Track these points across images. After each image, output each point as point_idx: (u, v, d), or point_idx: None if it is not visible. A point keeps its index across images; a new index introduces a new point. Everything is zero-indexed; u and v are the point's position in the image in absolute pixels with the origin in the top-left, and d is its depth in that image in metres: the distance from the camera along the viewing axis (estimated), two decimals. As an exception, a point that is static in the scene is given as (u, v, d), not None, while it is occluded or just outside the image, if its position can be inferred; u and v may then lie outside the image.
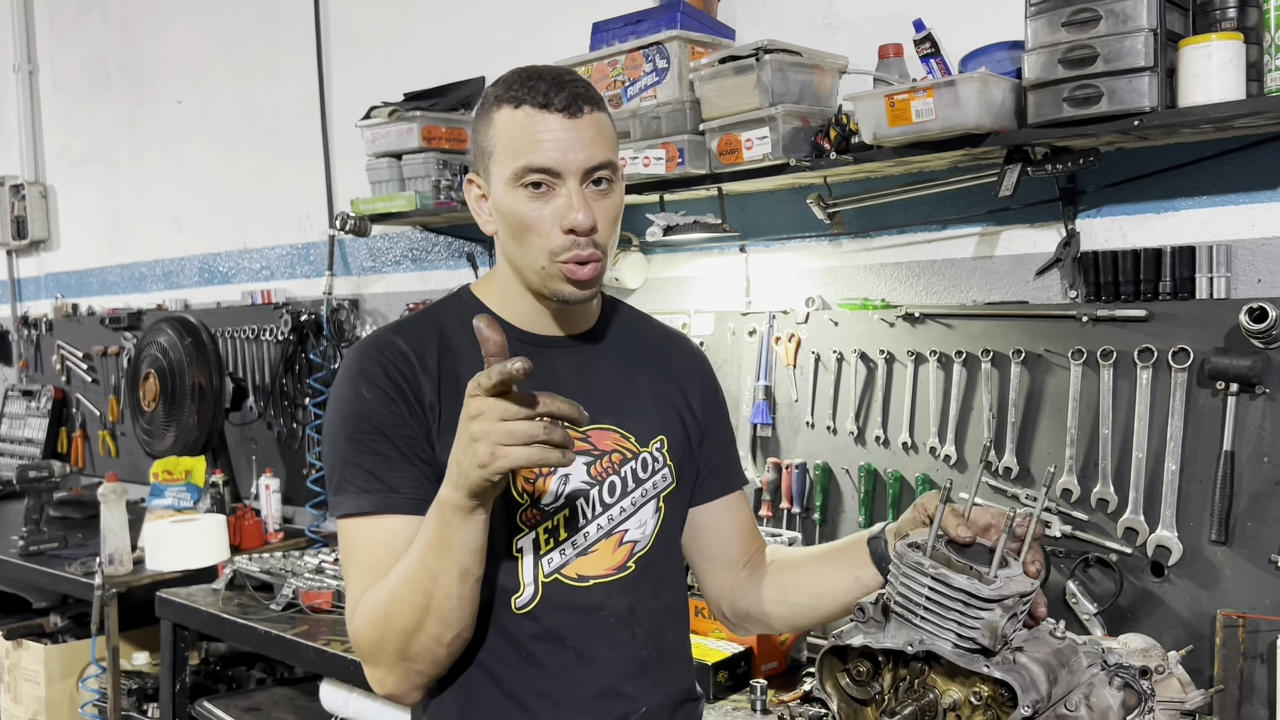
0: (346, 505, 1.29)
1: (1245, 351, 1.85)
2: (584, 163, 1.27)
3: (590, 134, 1.28)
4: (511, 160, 1.28)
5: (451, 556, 1.18)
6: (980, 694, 1.13)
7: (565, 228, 1.27)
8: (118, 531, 3.18)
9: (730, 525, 1.53)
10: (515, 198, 1.29)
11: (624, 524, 1.39)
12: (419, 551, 1.20)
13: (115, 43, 4.79)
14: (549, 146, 1.26)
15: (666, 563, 1.46)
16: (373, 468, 1.28)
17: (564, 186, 1.28)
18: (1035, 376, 2.13)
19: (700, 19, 2.43)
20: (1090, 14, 1.77)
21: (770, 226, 2.58)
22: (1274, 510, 1.85)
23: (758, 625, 1.53)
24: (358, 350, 1.35)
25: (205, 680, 3.31)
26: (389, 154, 3.14)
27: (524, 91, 1.27)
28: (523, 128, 1.27)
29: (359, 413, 1.30)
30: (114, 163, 4.86)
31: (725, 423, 1.58)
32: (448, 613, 1.20)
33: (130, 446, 4.55)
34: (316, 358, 3.65)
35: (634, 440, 1.42)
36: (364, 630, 1.26)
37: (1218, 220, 1.96)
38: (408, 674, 1.26)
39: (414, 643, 1.22)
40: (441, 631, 1.22)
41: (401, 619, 1.21)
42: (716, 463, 1.53)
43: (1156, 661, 1.75)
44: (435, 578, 1.19)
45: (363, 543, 1.29)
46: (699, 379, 1.54)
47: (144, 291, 4.72)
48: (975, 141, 1.95)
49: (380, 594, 1.23)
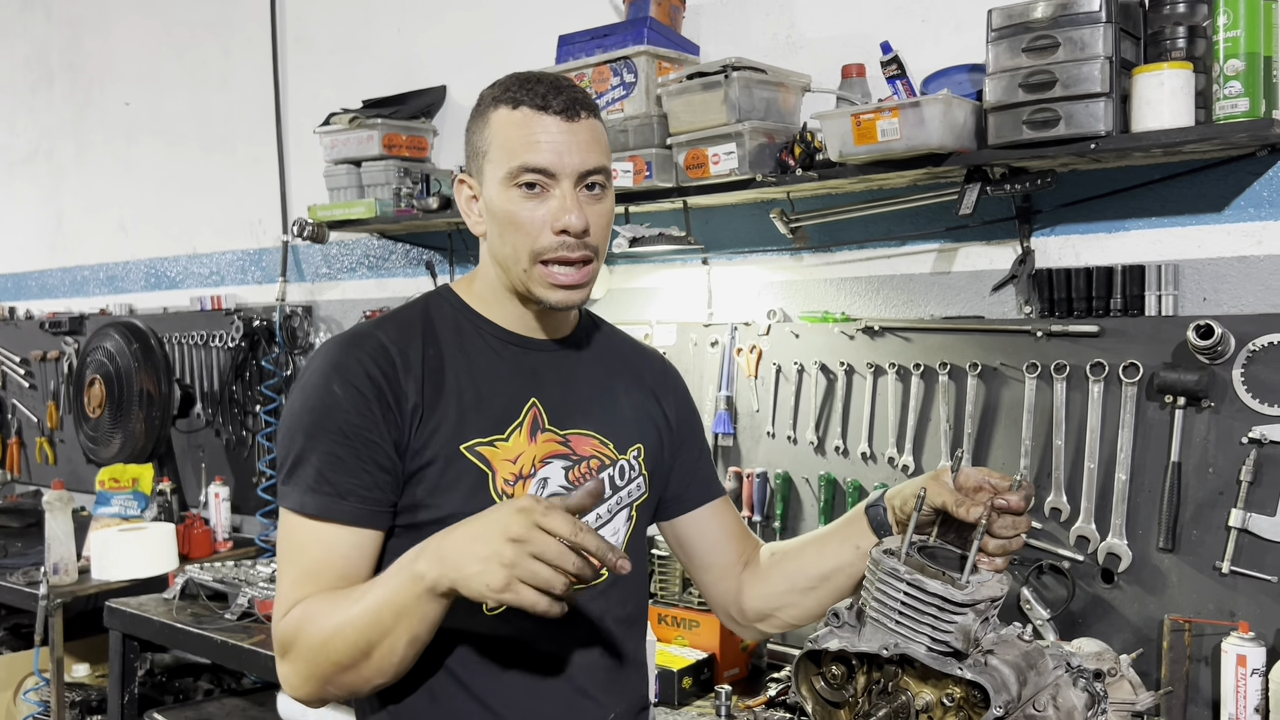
0: (291, 499, 1.26)
1: (1192, 367, 1.93)
2: (579, 166, 1.28)
3: (586, 138, 1.29)
4: (507, 159, 1.28)
5: (408, 625, 1.16)
6: (952, 695, 1.17)
7: (558, 229, 1.28)
8: (63, 540, 3.11)
9: (720, 531, 1.54)
10: (508, 197, 1.29)
11: (599, 531, 1.41)
12: (376, 602, 1.17)
13: (60, 41, 4.70)
14: (545, 147, 1.27)
15: (636, 572, 1.47)
16: (325, 468, 1.24)
17: (558, 188, 1.28)
18: (991, 389, 2.19)
19: (667, 35, 2.46)
20: (1049, 41, 1.84)
21: (733, 240, 2.62)
22: (1218, 519, 1.93)
23: (770, 624, 1.50)
24: (337, 343, 1.31)
25: (151, 692, 3.24)
26: (348, 160, 3.14)
27: (522, 93, 1.29)
28: (520, 128, 1.28)
29: (324, 408, 1.26)
30: (57, 163, 4.76)
31: (700, 433, 1.59)
32: (386, 667, 1.19)
33: (69, 454, 4.45)
34: (268, 364, 3.61)
35: (612, 447, 1.43)
36: (290, 636, 1.23)
37: (1166, 241, 2.04)
38: (322, 691, 1.24)
39: (341, 676, 1.21)
40: (372, 676, 1.20)
41: (337, 654, 1.19)
42: (696, 471, 1.55)
43: (1109, 665, 1.81)
44: (385, 635, 1.16)
45: (302, 543, 1.26)
46: (672, 390, 1.56)
47: (86, 295, 4.63)
48: (937, 161, 2.01)
49: (322, 620, 1.20)
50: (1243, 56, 1.75)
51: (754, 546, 1.55)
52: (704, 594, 1.58)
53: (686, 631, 2.28)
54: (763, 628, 1.53)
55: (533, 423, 1.36)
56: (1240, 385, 1.90)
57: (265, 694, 2.91)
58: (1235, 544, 1.91)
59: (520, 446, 1.34)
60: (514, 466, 1.34)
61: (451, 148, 3.21)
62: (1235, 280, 1.98)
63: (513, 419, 1.35)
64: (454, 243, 3.19)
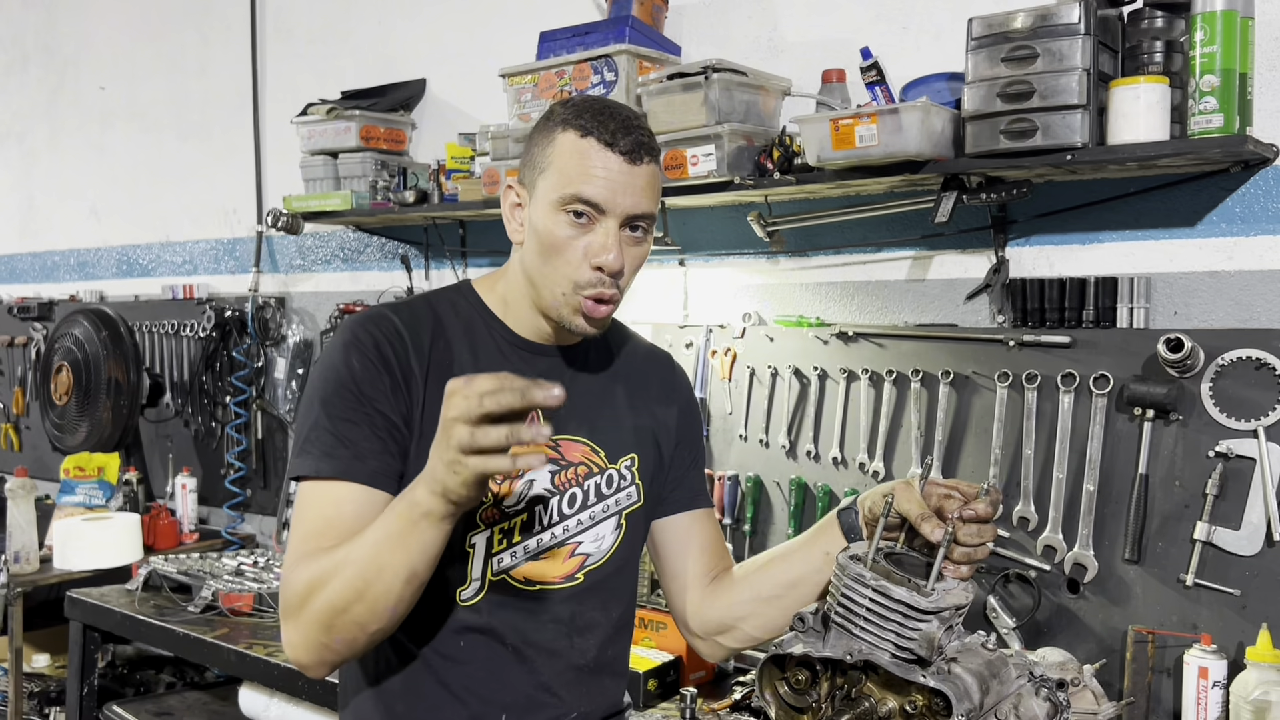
0: (305, 467, 1.28)
1: (1161, 380, 1.95)
2: (630, 209, 1.31)
3: (643, 183, 1.32)
4: (562, 184, 1.30)
5: (405, 556, 1.17)
6: (915, 703, 1.17)
7: (595, 264, 1.31)
8: (25, 528, 3.07)
9: (695, 541, 1.54)
10: (555, 220, 1.31)
11: (579, 536, 1.41)
12: (373, 539, 1.19)
13: (35, 23, 4.64)
14: (601, 183, 1.29)
15: (620, 578, 1.47)
16: (343, 432, 1.28)
17: (603, 224, 1.31)
18: (962, 397, 2.20)
19: (648, 34, 2.46)
20: (1028, 51, 1.85)
21: (710, 242, 2.61)
22: (1183, 532, 1.94)
23: (731, 637, 1.49)
24: (352, 322, 1.36)
25: (111, 684, 3.21)
26: (325, 152, 3.11)
27: (594, 124, 1.30)
28: (583, 157, 1.30)
29: (342, 379, 1.30)
30: (29, 147, 4.69)
31: (698, 443, 1.60)
32: (381, 608, 1.19)
33: (35, 441, 4.39)
34: (239, 356, 3.58)
35: (603, 455, 1.44)
36: (294, 590, 1.24)
37: (1139, 254, 2.06)
38: (321, 648, 1.23)
39: (337, 620, 1.20)
40: (368, 620, 1.20)
41: (333, 594, 1.20)
42: (684, 478, 1.55)
43: (1072, 674, 1.82)
44: (381, 571, 1.17)
45: (315, 503, 1.28)
46: (678, 399, 1.57)
47: (56, 281, 4.56)
48: (915, 168, 2.01)
49: (324, 563, 1.22)
50: (1218, 72, 1.76)
51: (726, 564, 1.55)
52: (668, 603, 1.57)
53: (653, 633, 2.28)
54: (723, 640, 1.51)
55: None
56: (1208, 399, 1.91)
57: (227, 688, 2.88)
58: (1199, 557, 1.92)
59: None
60: None
61: (430, 141, 3.19)
62: (1206, 295, 1.99)
63: None
64: (429, 237, 3.16)
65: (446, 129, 3.10)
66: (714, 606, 1.49)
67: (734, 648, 1.53)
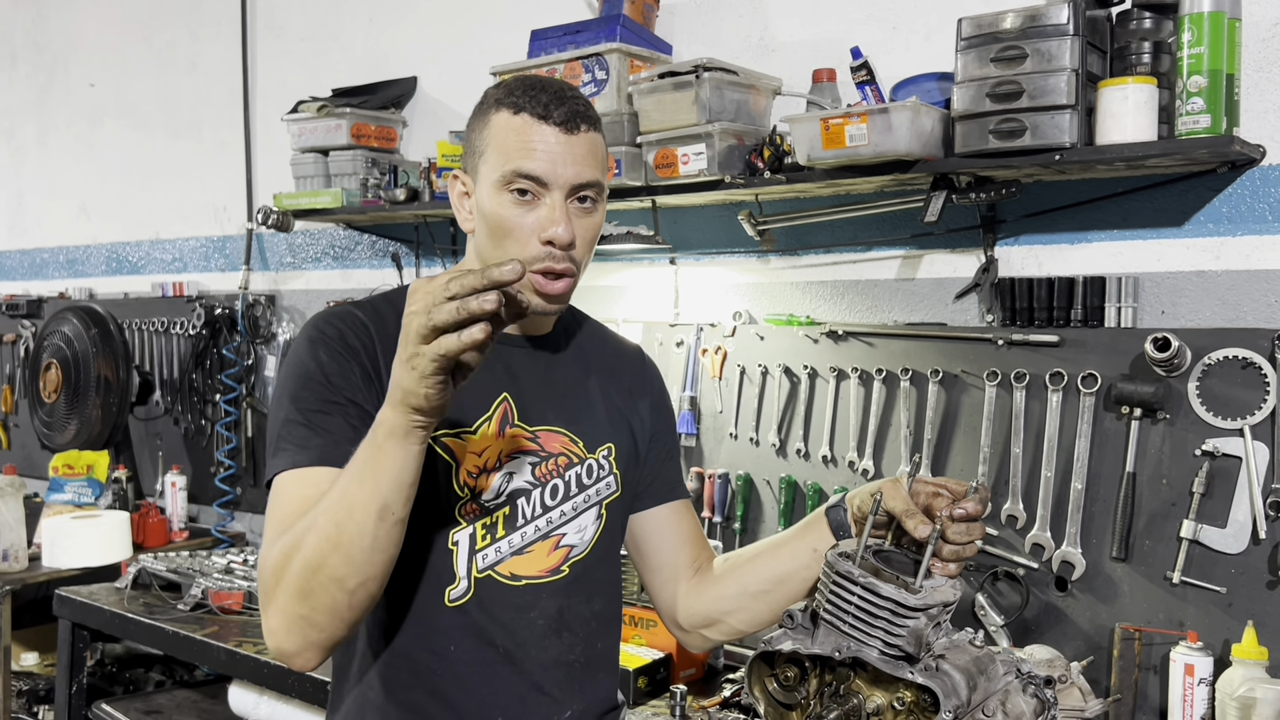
0: (280, 464, 1.25)
1: (1149, 379, 1.96)
2: (572, 179, 1.29)
3: (583, 151, 1.30)
4: (502, 163, 1.29)
5: (374, 486, 1.11)
6: (903, 699, 1.18)
7: (544, 239, 1.29)
8: (13, 526, 3.07)
9: (675, 533, 1.54)
10: (500, 201, 1.30)
11: (563, 528, 1.40)
12: (342, 481, 1.14)
13: (24, 20, 4.62)
14: (541, 156, 1.28)
15: (603, 570, 1.46)
16: (317, 423, 1.25)
17: (549, 198, 1.29)
18: (951, 395, 2.21)
19: (639, 33, 2.46)
20: (1017, 51, 1.86)
21: (701, 240, 2.62)
22: (1170, 530, 1.95)
23: (717, 630, 1.48)
24: (316, 319, 1.34)
25: (101, 682, 3.20)
26: (315, 149, 3.11)
27: (525, 99, 1.29)
28: (518, 133, 1.28)
29: (310, 372, 1.28)
30: (18, 144, 4.67)
31: (672, 434, 1.60)
32: (356, 552, 1.12)
33: (24, 439, 4.37)
34: (229, 353, 3.57)
35: (582, 445, 1.43)
36: (269, 566, 1.18)
37: (1127, 253, 2.07)
38: (302, 625, 1.16)
39: (314, 580, 1.13)
40: (346, 574, 1.13)
41: (307, 552, 1.14)
42: (660, 470, 1.55)
43: (1060, 672, 1.83)
44: (351, 510, 1.12)
45: (291, 493, 1.23)
46: (650, 390, 1.56)
47: (45, 278, 4.55)
48: (904, 167, 2.02)
49: (295, 529, 1.17)
50: (1206, 73, 1.77)
51: (708, 556, 1.55)
52: (651, 597, 1.57)
53: (643, 631, 2.28)
54: (709, 634, 1.50)
55: (502, 417, 1.37)
56: (1195, 398, 1.92)
57: (217, 686, 2.87)
58: (1186, 555, 1.93)
59: (487, 440, 1.35)
60: (479, 459, 1.35)
61: (421, 139, 3.19)
62: (1193, 294, 2.00)
63: (482, 412, 1.36)
64: (420, 235, 3.16)
65: (437, 127, 3.10)
66: (700, 599, 1.49)
67: (719, 640, 1.53)
